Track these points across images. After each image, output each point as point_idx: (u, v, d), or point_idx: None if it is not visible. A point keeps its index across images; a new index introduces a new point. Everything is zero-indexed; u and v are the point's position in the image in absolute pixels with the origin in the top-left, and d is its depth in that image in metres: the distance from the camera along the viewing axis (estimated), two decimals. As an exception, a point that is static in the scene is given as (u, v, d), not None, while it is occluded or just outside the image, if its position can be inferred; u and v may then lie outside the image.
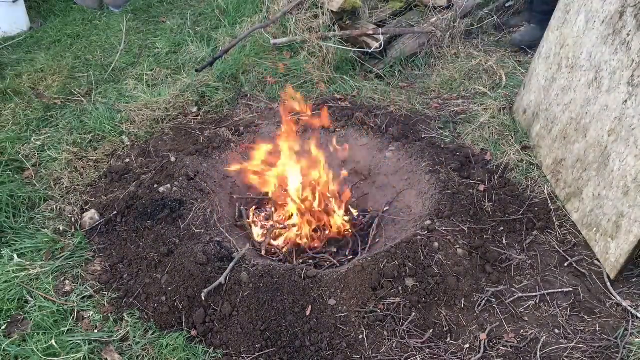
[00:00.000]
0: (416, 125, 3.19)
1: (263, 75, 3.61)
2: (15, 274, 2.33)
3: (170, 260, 2.36)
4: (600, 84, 2.39)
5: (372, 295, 2.22)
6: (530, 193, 2.73)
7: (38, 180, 2.89)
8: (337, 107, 3.30)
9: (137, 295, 2.30)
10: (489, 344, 2.11)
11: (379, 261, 2.28)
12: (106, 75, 3.82)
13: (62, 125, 3.29)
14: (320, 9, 3.83)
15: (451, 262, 2.32)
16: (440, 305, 2.22)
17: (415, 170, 2.87)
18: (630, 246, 2.20)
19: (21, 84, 3.67)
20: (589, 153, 2.46)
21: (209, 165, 2.90)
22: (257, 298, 2.19)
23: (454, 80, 3.60)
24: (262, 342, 2.11)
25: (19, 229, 2.60)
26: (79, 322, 2.19)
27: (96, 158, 3.05)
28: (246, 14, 4.16)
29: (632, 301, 2.25)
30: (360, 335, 2.12)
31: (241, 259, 2.33)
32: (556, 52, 2.74)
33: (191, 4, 4.79)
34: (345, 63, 3.69)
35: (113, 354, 2.07)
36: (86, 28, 4.50)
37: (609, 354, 2.05)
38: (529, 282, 2.34)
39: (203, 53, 3.90)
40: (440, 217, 2.54)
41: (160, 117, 3.32)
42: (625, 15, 2.25)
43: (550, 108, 2.78)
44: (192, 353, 2.09)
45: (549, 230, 2.56)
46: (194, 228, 2.52)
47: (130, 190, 2.71)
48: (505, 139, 3.03)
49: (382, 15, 4.01)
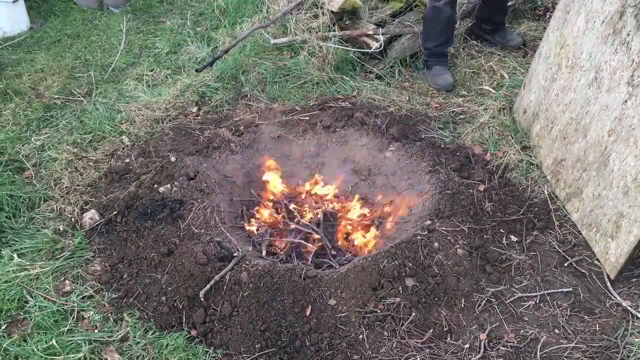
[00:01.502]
0: (416, 125, 3.19)
1: (263, 75, 3.61)
2: (15, 274, 2.33)
3: (170, 260, 2.36)
4: (600, 84, 2.39)
5: (372, 295, 2.22)
6: (530, 193, 2.73)
7: (38, 180, 2.89)
8: (337, 107, 3.30)
9: (137, 295, 2.30)
10: (489, 344, 2.11)
11: (379, 261, 2.28)
12: (106, 75, 3.82)
13: (62, 125, 3.29)
14: (320, 9, 3.83)
15: (451, 262, 2.32)
16: (440, 305, 2.22)
17: (415, 170, 2.87)
18: (630, 246, 2.20)
19: (21, 84, 3.67)
20: (589, 153, 2.46)
21: (209, 165, 2.90)
22: (257, 298, 2.20)
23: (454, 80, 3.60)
24: (262, 342, 2.11)
25: (19, 229, 2.60)
26: (79, 322, 2.19)
27: (96, 158, 3.04)
28: (246, 14, 4.16)
29: (632, 301, 2.25)
30: (360, 335, 2.12)
31: (241, 259, 2.34)
32: (556, 52, 2.74)
33: (191, 4, 4.79)
34: (345, 63, 3.69)
35: (113, 354, 2.07)
36: (86, 28, 4.50)
37: (609, 354, 2.05)
38: (529, 282, 2.34)
39: (203, 53, 3.90)
40: (440, 217, 2.54)
41: (160, 117, 3.31)
42: (625, 15, 2.25)
43: (550, 108, 2.78)
44: (192, 353, 2.09)
45: (549, 230, 2.56)
46: (194, 228, 2.51)
47: (130, 190, 2.71)
48: (505, 139, 3.03)
49: (382, 16, 4.02)
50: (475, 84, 3.56)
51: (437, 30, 3.51)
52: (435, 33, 3.52)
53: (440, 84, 3.54)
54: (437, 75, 3.57)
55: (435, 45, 3.56)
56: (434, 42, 3.55)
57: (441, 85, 3.54)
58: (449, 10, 3.41)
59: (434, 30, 3.53)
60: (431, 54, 3.61)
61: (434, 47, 3.57)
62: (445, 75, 3.56)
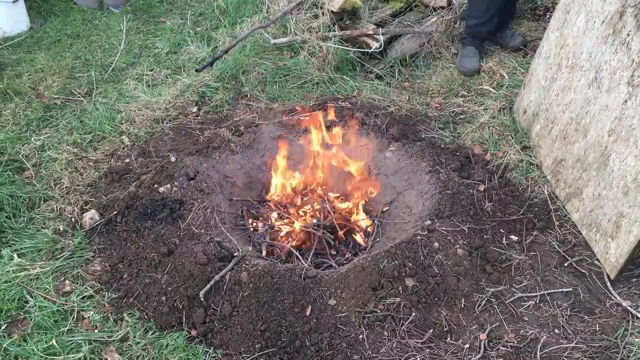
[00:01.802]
0: (416, 125, 3.19)
1: (263, 75, 3.61)
2: (15, 274, 2.33)
3: (170, 260, 2.36)
4: (600, 84, 2.39)
5: (372, 295, 2.22)
6: (530, 193, 2.73)
7: (38, 180, 2.89)
8: (337, 107, 3.30)
9: (137, 295, 2.30)
10: (489, 344, 2.11)
11: (379, 261, 2.28)
12: (106, 75, 3.82)
13: (62, 125, 3.29)
14: (320, 9, 3.83)
15: (451, 262, 2.32)
16: (440, 305, 2.22)
17: (415, 170, 2.87)
18: (630, 246, 2.20)
19: (21, 84, 3.67)
20: (589, 153, 2.46)
21: (209, 166, 2.90)
22: (257, 298, 2.20)
23: (454, 80, 3.60)
24: (262, 342, 2.11)
25: (19, 229, 2.60)
26: (79, 322, 2.19)
27: (96, 158, 3.04)
28: (246, 14, 4.16)
29: (632, 301, 2.25)
30: (360, 335, 2.12)
31: (241, 259, 2.34)
32: (556, 52, 2.74)
33: (191, 4, 4.79)
34: (345, 63, 3.69)
35: (113, 354, 2.07)
36: (86, 28, 4.50)
37: (609, 354, 2.05)
38: (529, 282, 2.34)
39: (203, 53, 3.90)
40: (440, 217, 2.54)
41: (160, 117, 3.31)
42: (625, 15, 2.25)
43: (550, 108, 2.78)
44: (192, 353, 2.09)
45: (549, 230, 2.56)
46: (194, 228, 2.52)
47: (130, 190, 2.71)
48: (505, 139, 3.03)
49: (382, 15, 4.02)
50: (475, 84, 3.56)
51: (481, 8, 3.40)
52: (478, 10, 3.42)
53: (466, 66, 3.49)
54: (467, 57, 3.51)
55: (475, 23, 3.46)
56: (475, 20, 3.45)
57: (466, 68, 3.49)
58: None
59: (477, 6, 3.43)
60: (469, 32, 3.53)
61: (474, 25, 3.48)
62: (475, 59, 3.48)
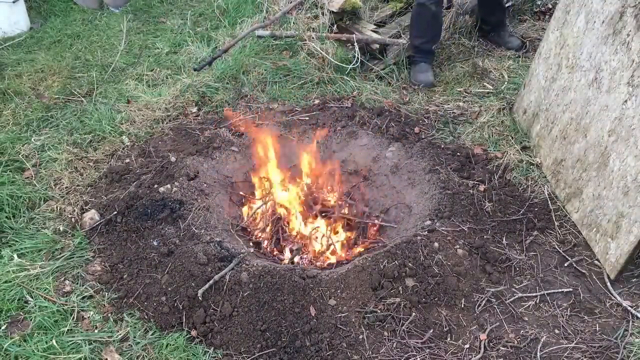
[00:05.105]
0: (416, 125, 3.19)
1: (263, 76, 3.61)
2: (15, 274, 2.33)
3: (170, 260, 2.36)
4: (600, 84, 2.39)
5: (372, 296, 2.22)
6: (530, 193, 2.73)
7: (38, 180, 2.89)
8: (337, 107, 3.31)
9: (137, 296, 2.30)
10: (489, 344, 2.11)
11: (379, 261, 2.28)
12: (106, 75, 3.82)
13: (62, 126, 3.29)
14: (320, 9, 3.83)
15: (451, 262, 2.32)
16: (440, 306, 2.22)
17: (415, 170, 2.87)
18: (630, 246, 2.20)
19: (21, 84, 3.67)
20: (589, 153, 2.46)
21: (209, 166, 2.90)
22: (257, 298, 2.20)
23: (454, 80, 3.60)
24: (262, 342, 2.11)
25: (19, 229, 2.60)
26: (79, 322, 2.19)
27: (96, 158, 3.04)
28: (246, 14, 4.16)
29: (632, 301, 2.25)
30: (360, 336, 2.12)
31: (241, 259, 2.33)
32: (556, 52, 2.74)
33: (191, 4, 4.79)
34: (345, 63, 3.69)
35: (113, 354, 2.07)
36: (86, 28, 4.50)
37: (609, 354, 2.05)
38: (529, 282, 2.34)
39: (203, 53, 3.90)
40: (440, 217, 2.54)
41: (160, 117, 3.31)
42: (625, 15, 2.25)
43: (550, 108, 2.78)
44: (192, 353, 2.09)
45: (549, 231, 2.56)
46: (194, 228, 2.52)
47: (130, 191, 2.71)
48: (505, 139, 3.03)
49: (382, 15, 4.02)
50: (476, 84, 3.56)
51: (424, 28, 3.55)
52: (422, 30, 3.56)
53: (421, 80, 3.57)
54: (420, 72, 3.60)
55: (421, 42, 3.58)
56: (420, 40, 3.58)
57: (421, 81, 3.57)
58: (435, 7, 3.45)
59: (420, 27, 3.56)
60: (417, 51, 3.63)
61: (420, 44, 3.59)
62: (428, 73, 3.59)
